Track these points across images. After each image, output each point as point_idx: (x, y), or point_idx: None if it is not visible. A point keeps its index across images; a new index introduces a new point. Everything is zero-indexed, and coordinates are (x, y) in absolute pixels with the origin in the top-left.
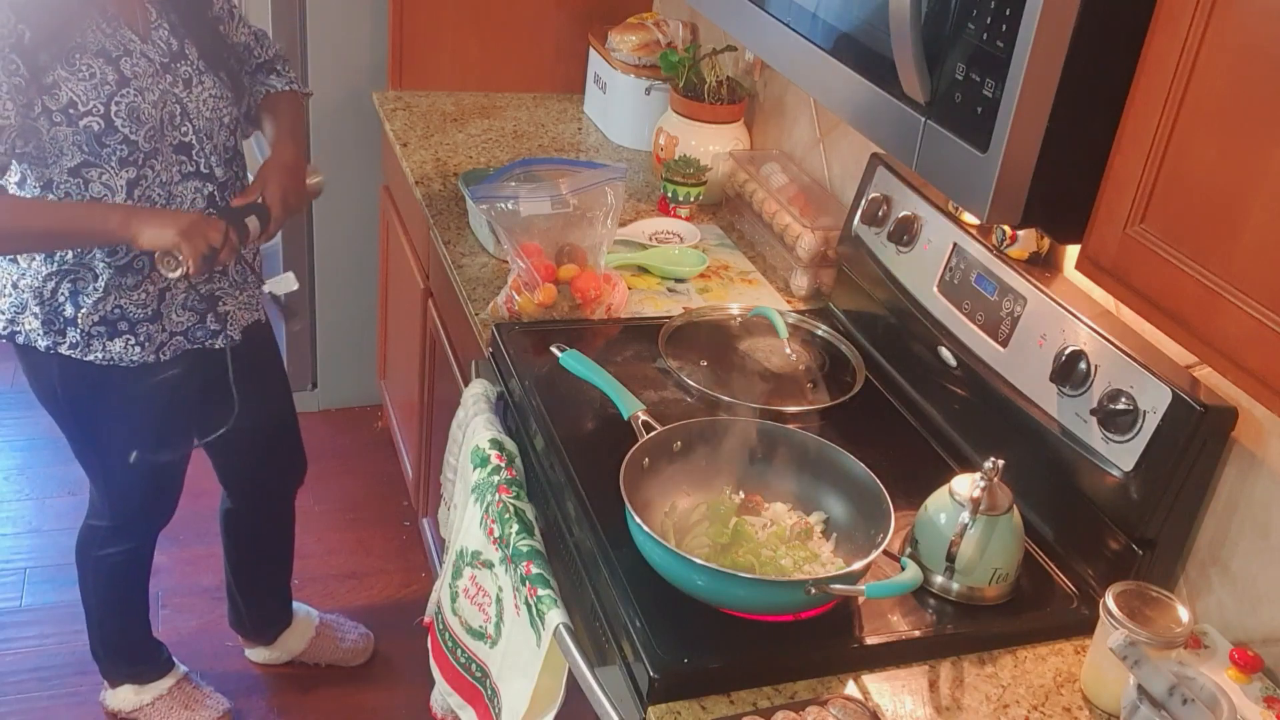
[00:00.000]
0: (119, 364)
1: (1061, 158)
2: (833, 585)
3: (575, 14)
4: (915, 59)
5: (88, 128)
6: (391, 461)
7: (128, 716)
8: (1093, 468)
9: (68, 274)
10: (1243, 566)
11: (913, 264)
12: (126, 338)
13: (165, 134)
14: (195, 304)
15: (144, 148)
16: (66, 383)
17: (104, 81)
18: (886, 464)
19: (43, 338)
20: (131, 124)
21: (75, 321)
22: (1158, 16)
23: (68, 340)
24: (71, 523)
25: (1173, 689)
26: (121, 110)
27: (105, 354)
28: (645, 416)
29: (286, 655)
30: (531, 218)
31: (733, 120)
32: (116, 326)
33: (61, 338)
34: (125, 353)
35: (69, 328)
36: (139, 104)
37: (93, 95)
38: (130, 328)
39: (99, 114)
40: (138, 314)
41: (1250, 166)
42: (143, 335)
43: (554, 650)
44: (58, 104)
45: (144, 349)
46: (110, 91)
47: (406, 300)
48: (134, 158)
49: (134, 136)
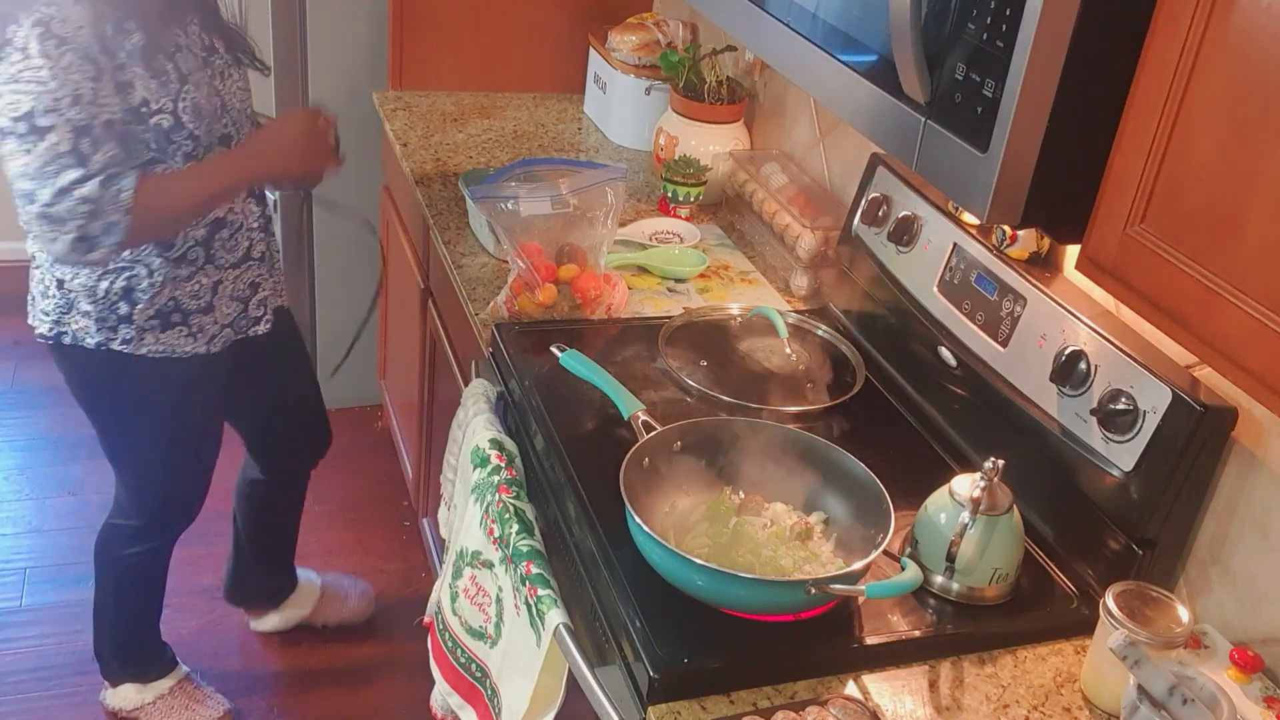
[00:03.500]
0: (171, 356)
1: (1061, 158)
2: (833, 585)
3: (575, 14)
4: (915, 59)
5: (158, 125)
6: (391, 461)
7: (128, 716)
8: (1093, 468)
9: (122, 271)
10: (1243, 566)
11: (913, 264)
12: (180, 329)
13: (214, 128)
14: (240, 293)
15: (204, 142)
16: (115, 379)
17: (170, 79)
18: (886, 464)
19: (93, 335)
20: (195, 120)
21: (130, 318)
22: (1158, 16)
23: (120, 336)
24: (71, 523)
25: (1173, 689)
26: (187, 106)
27: (159, 346)
28: (645, 416)
29: (294, 619)
30: (531, 218)
31: (733, 120)
32: (170, 319)
33: (114, 334)
34: (178, 344)
35: (122, 324)
36: (198, 99)
37: (162, 93)
38: (184, 319)
39: (169, 111)
40: (191, 305)
41: (1250, 166)
42: (195, 326)
43: (554, 650)
44: (129, 104)
45: (196, 340)
46: (175, 89)
47: (406, 300)
48: (195, 152)
49: (197, 132)
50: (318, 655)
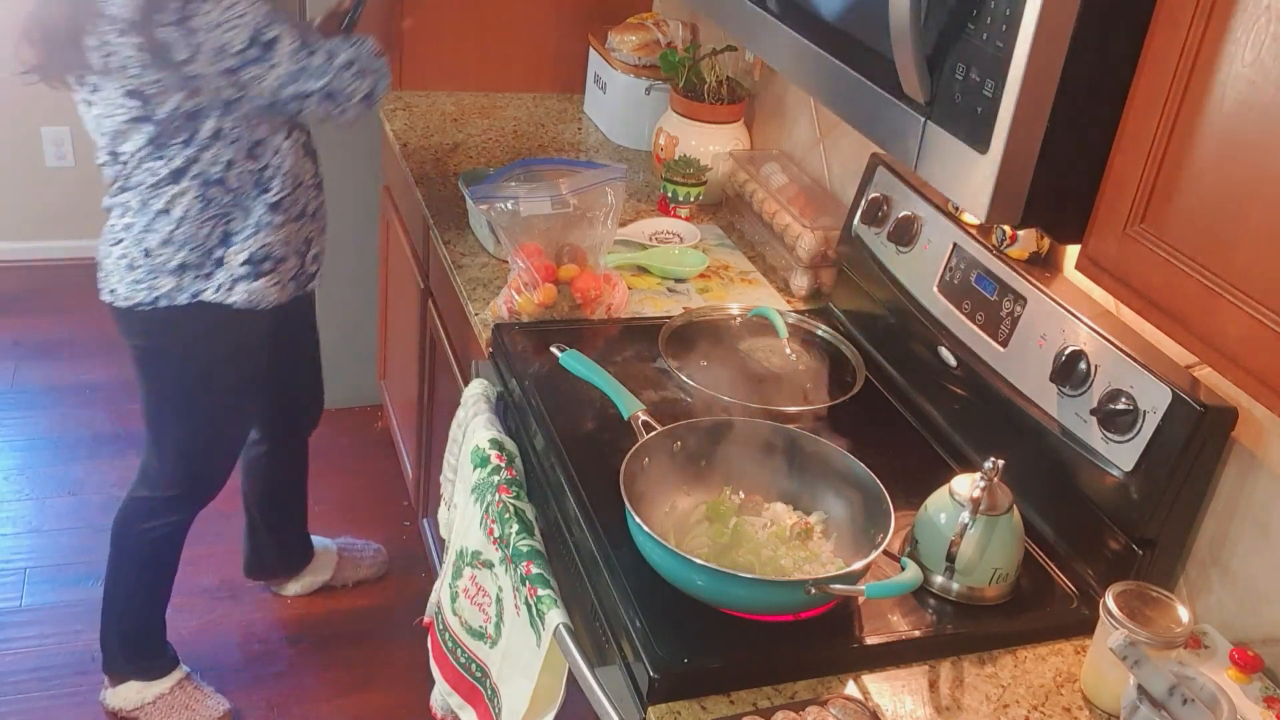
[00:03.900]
0: (255, 307)
1: (1061, 158)
2: (833, 585)
3: (575, 14)
4: (915, 59)
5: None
6: (391, 461)
7: (128, 715)
8: (1093, 468)
9: (222, 216)
10: (1243, 566)
11: (913, 264)
12: (270, 278)
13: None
14: (300, 247)
15: None
16: (197, 335)
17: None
18: (886, 464)
19: (185, 291)
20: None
21: (224, 262)
22: (1158, 16)
23: (213, 284)
24: (71, 523)
25: (1173, 689)
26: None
27: (248, 296)
28: (645, 416)
29: (317, 583)
30: (531, 218)
31: (733, 120)
32: (260, 266)
33: (207, 282)
34: (265, 293)
35: (217, 270)
36: None
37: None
38: (274, 266)
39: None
40: (281, 253)
41: (1250, 166)
42: (282, 275)
43: (554, 650)
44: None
45: (280, 290)
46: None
47: (406, 300)
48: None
49: None
50: (317, 655)
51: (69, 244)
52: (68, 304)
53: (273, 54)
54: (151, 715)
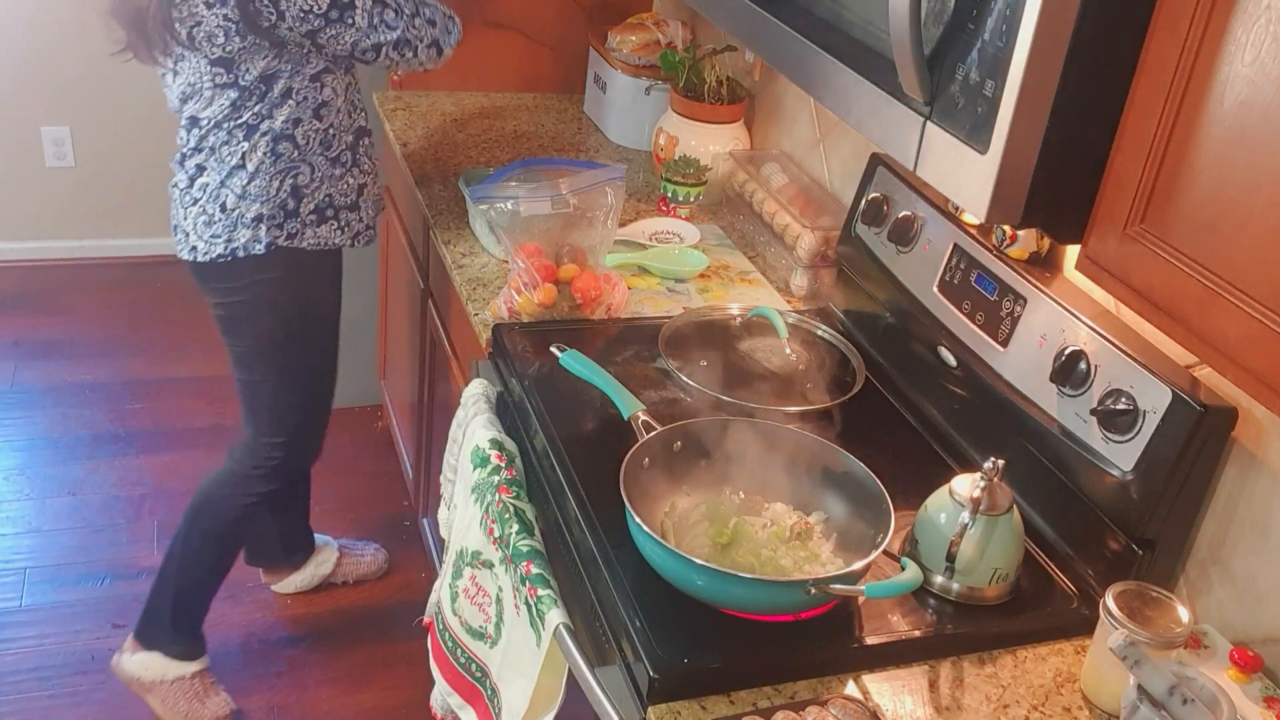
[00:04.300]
0: (324, 248)
1: (1061, 158)
2: (833, 585)
3: (575, 14)
4: (915, 59)
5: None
6: (391, 461)
7: (139, 685)
8: (1093, 468)
9: (291, 169)
10: (1243, 566)
11: (913, 264)
12: (332, 223)
13: None
14: (375, 198)
15: None
16: (282, 279)
17: None
18: (886, 464)
19: (263, 240)
20: None
21: (296, 212)
22: (1158, 17)
23: (286, 231)
24: (71, 523)
25: (1173, 689)
26: None
27: (315, 240)
28: (645, 416)
29: (316, 579)
30: (531, 218)
31: (733, 120)
32: (324, 214)
33: (281, 230)
34: (331, 237)
35: (289, 219)
36: None
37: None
38: (335, 214)
39: None
40: (342, 201)
41: (1250, 166)
42: (343, 221)
43: (554, 650)
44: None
45: (344, 233)
46: None
47: (406, 300)
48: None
49: None
50: (317, 655)
51: (69, 244)
52: (68, 304)
53: (352, 13)
54: (161, 694)
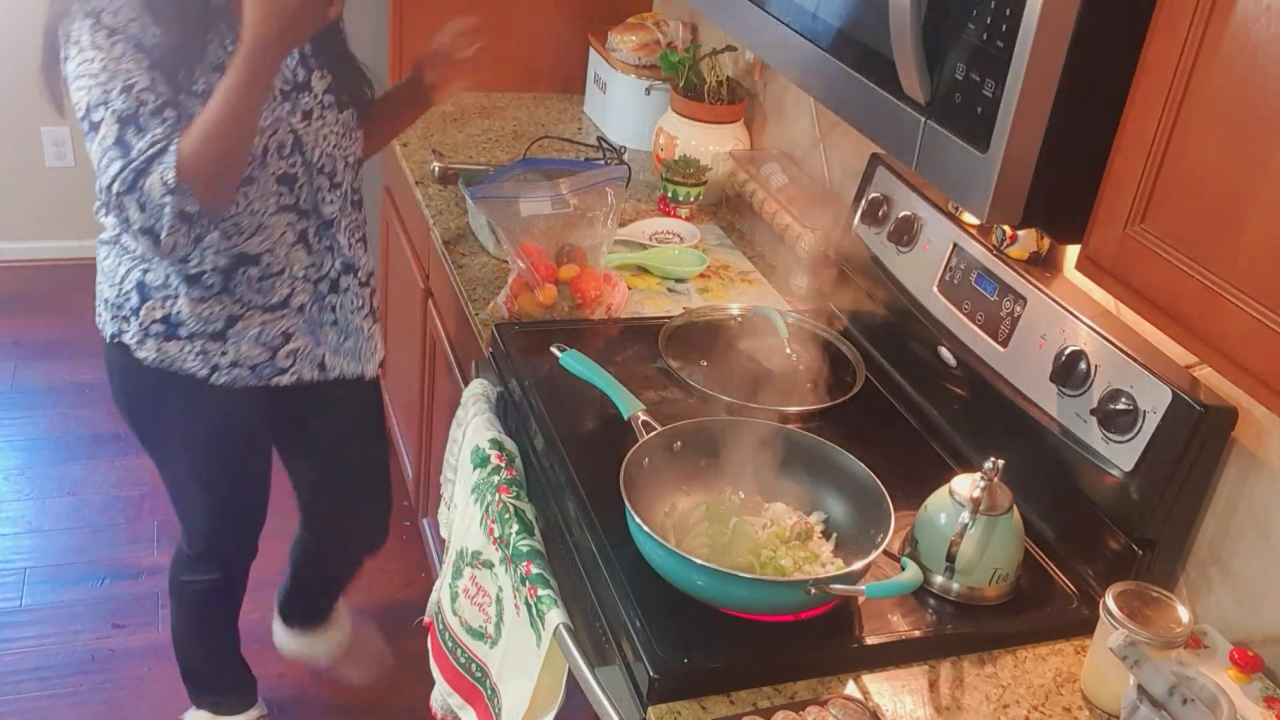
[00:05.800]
0: (173, 369)
1: (1061, 158)
2: (833, 585)
3: (575, 14)
4: (915, 59)
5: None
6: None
7: None
8: (1093, 468)
9: (140, 263)
10: (1243, 566)
11: (913, 264)
12: (185, 344)
13: (268, 162)
14: (268, 339)
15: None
16: (122, 381)
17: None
18: (886, 464)
19: (106, 329)
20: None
21: (137, 312)
22: (1158, 16)
23: (129, 330)
24: (71, 523)
25: (1173, 689)
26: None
27: (157, 355)
28: (645, 416)
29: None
30: (531, 218)
31: (733, 120)
32: (175, 330)
33: (124, 325)
34: (181, 357)
35: (131, 317)
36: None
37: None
38: (190, 336)
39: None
40: (196, 327)
41: (1250, 166)
42: (200, 347)
43: (554, 650)
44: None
45: (200, 361)
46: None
47: (406, 300)
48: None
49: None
50: None
51: (69, 244)
52: (68, 304)
53: (94, 137)
54: None
